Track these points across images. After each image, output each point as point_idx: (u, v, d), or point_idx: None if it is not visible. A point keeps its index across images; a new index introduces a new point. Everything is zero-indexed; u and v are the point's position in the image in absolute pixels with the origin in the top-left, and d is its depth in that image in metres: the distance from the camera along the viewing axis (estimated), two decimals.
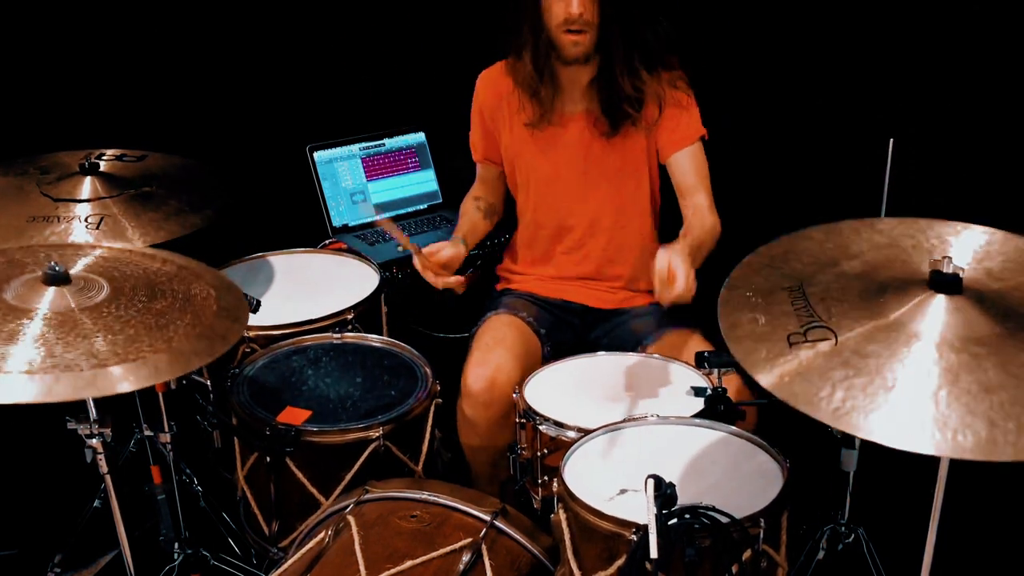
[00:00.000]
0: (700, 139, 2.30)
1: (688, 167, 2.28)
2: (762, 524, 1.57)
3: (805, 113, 2.79)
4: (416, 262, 2.21)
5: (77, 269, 1.78)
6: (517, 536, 1.82)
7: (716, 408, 1.90)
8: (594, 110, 2.28)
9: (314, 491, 2.04)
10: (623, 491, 1.67)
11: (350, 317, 2.37)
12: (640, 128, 2.28)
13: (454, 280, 2.20)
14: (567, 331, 2.44)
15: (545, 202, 2.41)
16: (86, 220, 2.26)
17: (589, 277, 2.44)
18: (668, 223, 2.39)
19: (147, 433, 2.26)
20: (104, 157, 2.51)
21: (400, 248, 2.76)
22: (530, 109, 2.31)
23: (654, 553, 1.42)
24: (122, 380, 1.52)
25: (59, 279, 1.70)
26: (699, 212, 2.24)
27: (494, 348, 2.22)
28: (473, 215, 2.53)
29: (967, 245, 1.60)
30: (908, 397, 1.32)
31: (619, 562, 1.57)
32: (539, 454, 1.98)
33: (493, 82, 2.40)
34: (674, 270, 1.86)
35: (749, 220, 2.89)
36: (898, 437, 1.28)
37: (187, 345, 1.63)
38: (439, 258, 2.22)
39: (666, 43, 2.25)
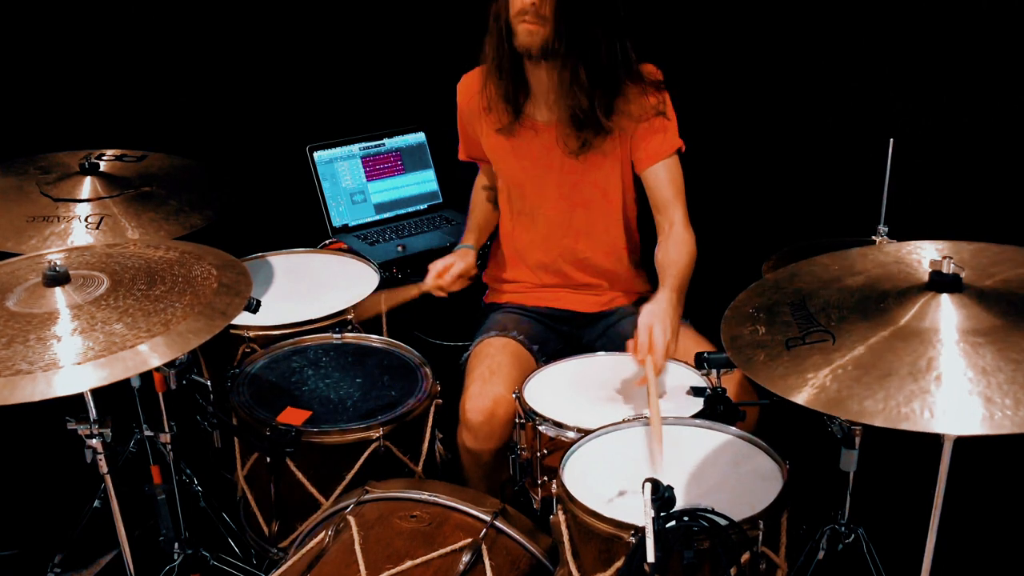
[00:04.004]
0: (677, 151, 2.25)
1: (664, 181, 2.23)
2: (761, 526, 1.57)
3: (805, 113, 2.79)
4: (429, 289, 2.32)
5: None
6: (517, 536, 1.82)
7: (715, 408, 1.90)
8: (567, 120, 2.24)
9: (314, 491, 2.04)
10: (622, 492, 1.67)
11: (350, 317, 2.37)
12: (612, 140, 2.24)
13: (461, 284, 2.34)
14: (559, 339, 2.43)
15: (520, 207, 2.40)
16: (86, 220, 2.26)
17: (570, 284, 2.43)
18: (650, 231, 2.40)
19: (147, 433, 2.26)
20: (104, 157, 2.52)
21: (399, 248, 2.78)
22: (499, 112, 2.28)
23: (651, 558, 1.42)
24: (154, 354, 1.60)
25: (59, 279, 1.71)
26: (675, 234, 2.20)
27: (490, 379, 2.18)
28: (483, 206, 2.55)
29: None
30: (960, 386, 1.31)
31: (618, 564, 1.57)
32: (539, 454, 1.98)
33: (470, 86, 2.38)
34: (654, 342, 1.94)
35: (749, 220, 2.90)
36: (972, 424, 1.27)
37: (215, 300, 1.73)
38: (450, 278, 2.31)
39: (635, 56, 2.21)
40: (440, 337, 2.82)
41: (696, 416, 1.89)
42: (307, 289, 2.54)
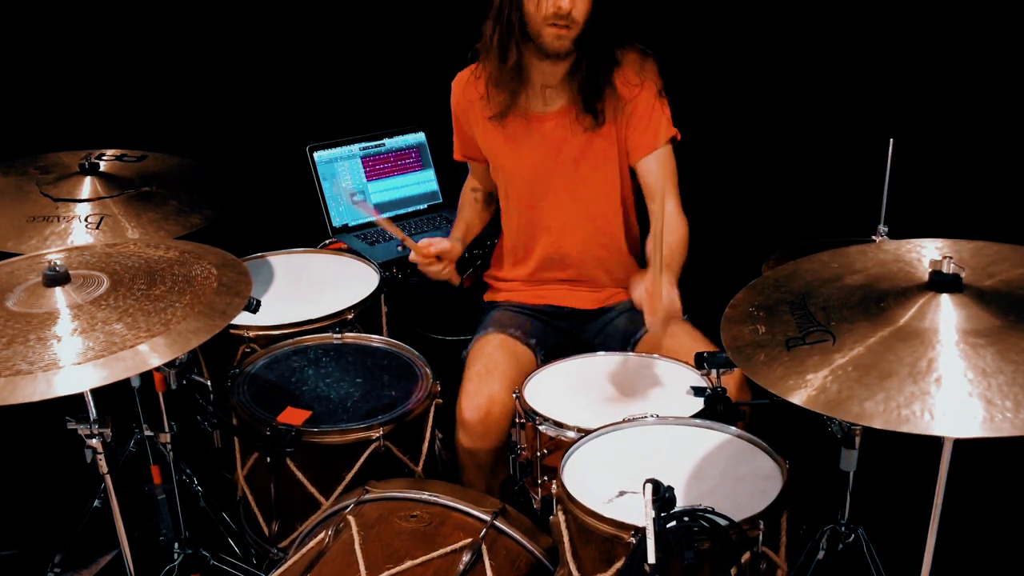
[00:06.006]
0: (671, 140, 2.26)
1: (655, 169, 2.24)
2: (761, 526, 1.57)
3: (805, 113, 2.79)
4: (413, 255, 2.28)
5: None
6: (517, 536, 1.82)
7: (715, 408, 1.90)
8: (569, 108, 2.25)
9: (314, 491, 2.04)
10: (622, 493, 1.67)
11: (350, 317, 2.37)
12: (608, 128, 2.25)
13: (448, 272, 2.30)
14: (558, 336, 2.43)
15: (520, 204, 2.40)
16: (86, 220, 2.26)
17: (570, 279, 2.43)
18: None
19: (147, 433, 2.26)
20: (104, 157, 2.52)
21: (400, 248, 2.77)
22: (495, 103, 2.29)
23: (652, 558, 1.42)
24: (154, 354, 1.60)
25: (59, 279, 1.71)
26: (668, 220, 2.19)
27: (487, 377, 2.19)
28: (472, 206, 2.55)
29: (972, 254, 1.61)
30: (960, 388, 1.31)
31: (618, 564, 1.57)
32: (539, 454, 1.98)
33: (463, 86, 2.38)
34: (652, 298, 1.90)
35: (750, 220, 2.90)
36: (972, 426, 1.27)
37: (215, 300, 1.73)
38: (433, 250, 2.28)
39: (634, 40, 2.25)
40: (441, 332, 2.81)
41: (696, 416, 1.89)
42: (307, 289, 2.54)
